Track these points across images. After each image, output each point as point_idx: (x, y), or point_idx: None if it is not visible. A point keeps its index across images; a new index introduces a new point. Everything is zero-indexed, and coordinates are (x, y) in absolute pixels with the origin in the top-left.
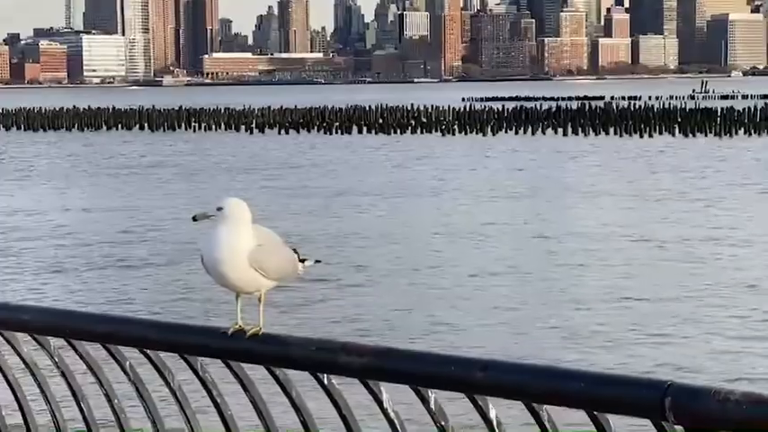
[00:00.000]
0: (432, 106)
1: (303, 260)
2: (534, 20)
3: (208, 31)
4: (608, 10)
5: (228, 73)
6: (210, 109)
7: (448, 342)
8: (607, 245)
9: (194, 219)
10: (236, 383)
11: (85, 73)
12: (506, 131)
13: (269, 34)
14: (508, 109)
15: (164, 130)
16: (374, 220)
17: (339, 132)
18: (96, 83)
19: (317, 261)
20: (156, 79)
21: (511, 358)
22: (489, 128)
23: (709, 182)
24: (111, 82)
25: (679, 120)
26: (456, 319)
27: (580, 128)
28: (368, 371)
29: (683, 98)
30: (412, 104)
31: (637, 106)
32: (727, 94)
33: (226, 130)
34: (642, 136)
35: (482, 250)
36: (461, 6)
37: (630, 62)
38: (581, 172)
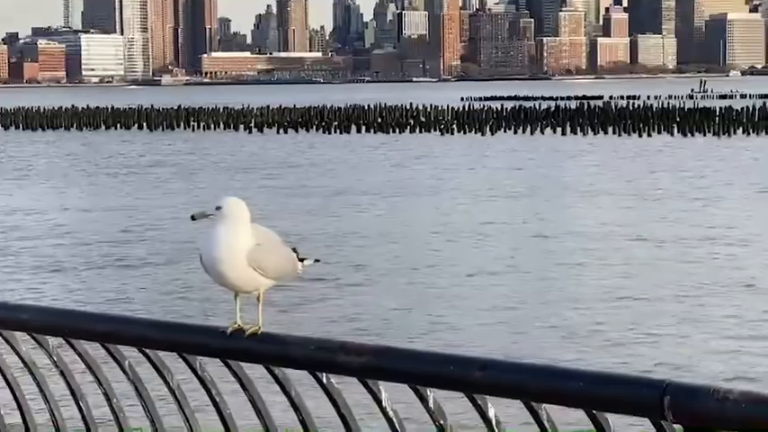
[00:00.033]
0: (430, 105)
1: (302, 259)
2: (533, 19)
3: (206, 31)
4: (607, 10)
5: (227, 72)
6: (209, 108)
7: (447, 341)
8: (606, 244)
9: (193, 218)
10: (235, 383)
11: (84, 72)
12: (505, 131)
13: (268, 33)
14: (507, 108)
15: (162, 130)
16: (373, 220)
17: (338, 132)
18: (95, 82)
19: (317, 260)
20: (155, 78)
21: (510, 357)
22: (488, 127)
23: (707, 181)
24: (109, 81)
25: (678, 119)
26: (455, 319)
27: (579, 127)
28: (367, 370)
29: (682, 98)
30: (411, 104)
31: (635, 106)
32: (725, 94)
33: (224, 130)
34: (641, 135)
35: (481, 249)
36: (460, 6)
37: (629, 62)
38: (580, 171)
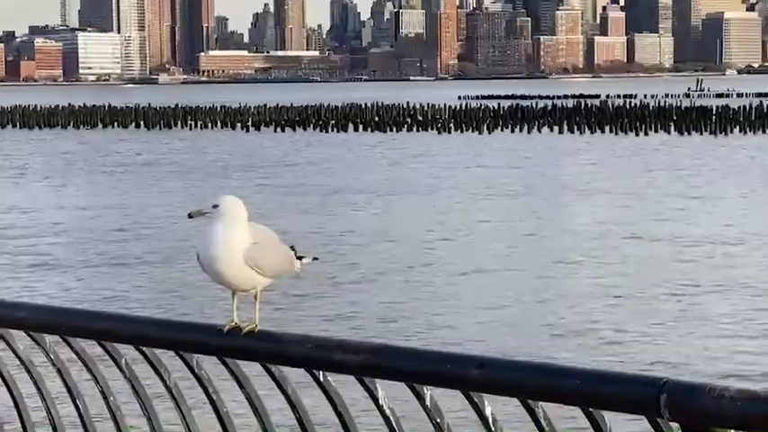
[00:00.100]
0: (427, 104)
1: (301, 257)
2: (530, 18)
3: (204, 29)
4: (603, 8)
5: (224, 71)
6: (206, 107)
7: (444, 339)
8: (602, 242)
9: (190, 216)
10: (231, 380)
11: (81, 71)
12: (502, 129)
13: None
14: (504, 107)
15: (159, 128)
16: (370, 218)
17: (335, 130)
18: (92, 81)
19: (315, 258)
20: (152, 77)
21: (507, 356)
22: (485, 126)
23: (703, 180)
24: (106, 80)
25: (674, 118)
26: (452, 317)
27: (576, 126)
28: (364, 368)
29: (679, 96)
30: (408, 102)
31: (632, 104)
32: (722, 93)
33: (222, 128)
34: (638, 134)
35: (478, 248)
36: (457, 4)
37: (626, 60)
38: (577, 170)
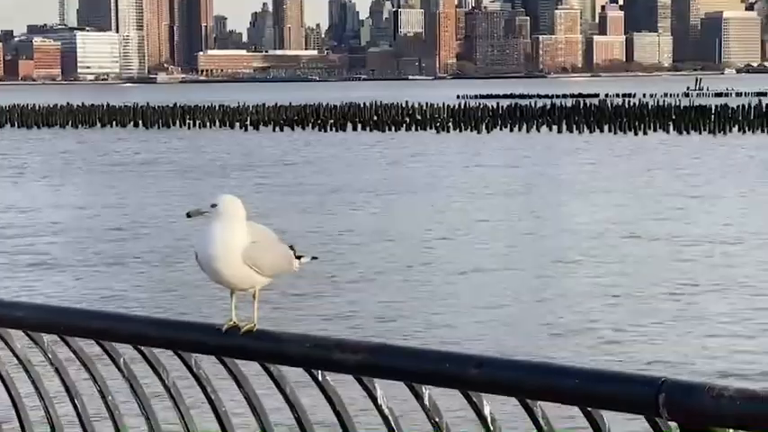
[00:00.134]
0: (426, 103)
1: (300, 257)
2: (529, 17)
3: (202, 28)
4: (602, 7)
5: (223, 70)
6: (205, 106)
7: (442, 339)
8: (601, 242)
9: (188, 215)
10: (230, 380)
11: (79, 70)
12: (501, 129)
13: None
14: (503, 106)
15: (158, 128)
16: (368, 218)
17: (334, 130)
18: (90, 80)
19: (314, 258)
20: (151, 76)
21: (505, 355)
22: (484, 125)
23: (702, 179)
24: (105, 79)
25: (673, 117)
26: (450, 316)
27: (574, 125)
28: (362, 367)
29: (678, 95)
30: (406, 102)
31: (631, 104)
32: (721, 92)
33: (220, 128)
34: (636, 133)
35: (476, 247)
36: (456, 4)
37: (625, 60)
38: (575, 169)
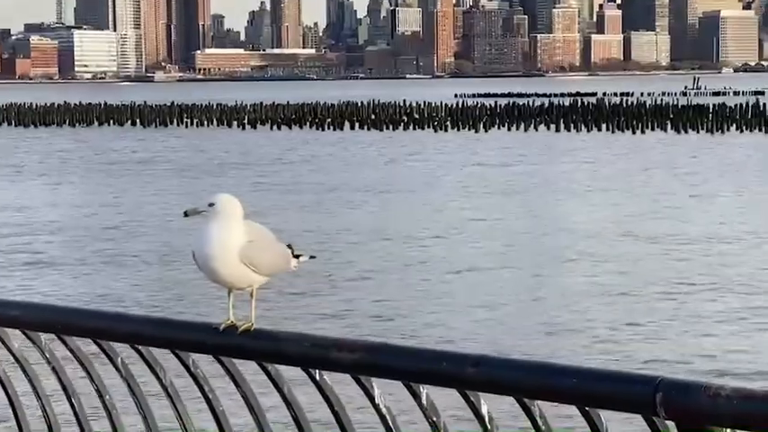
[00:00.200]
0: (424, 102)
1: (297, 256)
2: (527, 16)
3: (200, 27)
4: (600, 6)
5: (220, 69)
6: (202, 105)
7: (439, 338)
8: (598, 241)
9: (185, 214)
10: (227, 379)
11: (77, 68)
12: (499, 128)
13: (261, 30)
14: (500, 105)
15: (155, 126)
16: (366, 216)
17: (331, 128)
18: (88, 78)
19: (312, 257)
20: (148, 75)
21: (502, 354)
22: (481, 124)
23: (700, 178)
24: (102, 77)
25: (671, 116)
26: (447, 315)
27: (572, 124)
28: (360, 367)
29: (675, 94)
30: (404, 100)
31: (629, 102)
32: (718, 91)
33: (218, 126)
34: (634, 132)
35: (473, 246)
36: (454, 3)
37: (623, 58)
38: (573, 168)
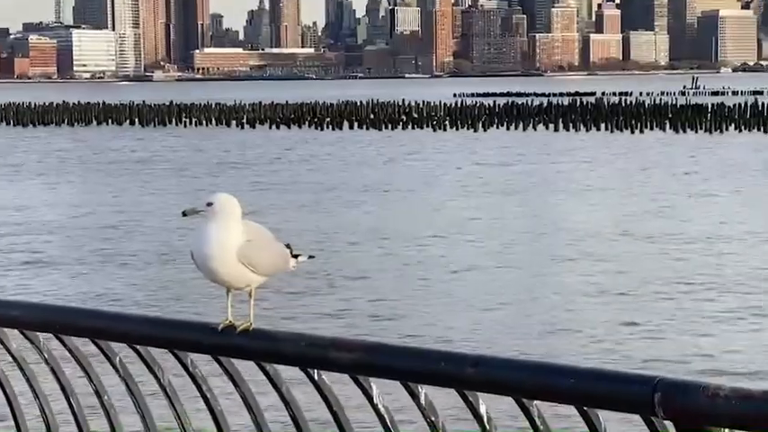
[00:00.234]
0: (423, 102)
1: (296, 255)
2: (525, 15)
3: (198, 27)
4: (599, 6)
5: (219, 68)
6: (201, 104)
7: (438, 337)
8: (596, 240)
9: (184, 214)
10: (226, 379)
11: (75, 68)
12: (497, 127)
13: (260, 29)
14: (499, 104)
15: (154, 126)
16: (365, 216)
17: (330, 128)
18: (86, 78)
19: (311, 256)
20: (147, 74)
21: (501, 354)
22: (480, 123)
23: (699, 178)
24: (101, 77)
25: (670, 116)
26: (446, 315)
27: (571, 123)
28: (358, 366)
29: (674, 94)
30: (403, 100)
31: (628, 102)
32: (717, 91)
33: (217, 126)
34: (633, 132)
35: (472, 245)
36: (452, 2)
37: (621, 58)
38: (571, 167)
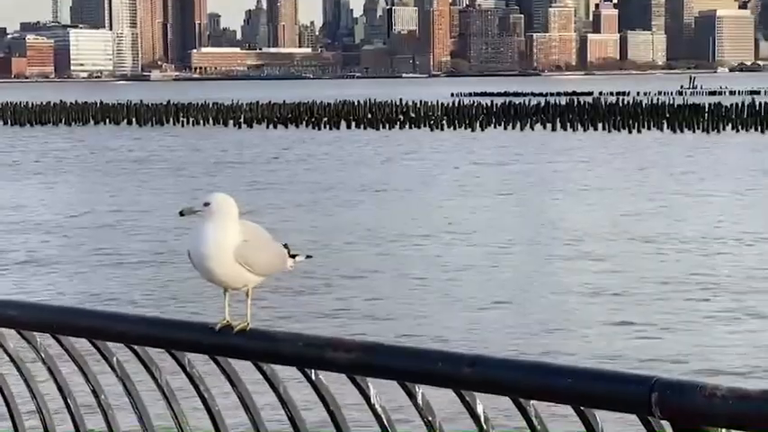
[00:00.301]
0: (420, 101)
1: (294, 255)
2: (523, 15)
3: (196, 26)
4: (596, 6)
5: (217, 68)
6: (199, 104)
7: (435, 337)
8: (593, 240)
9: (181, 214)
10: (223, 379)
11: (73, 67)
12: (495, 127)
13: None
14: (497, 104)
15: (152, 125)
16: (362, 215)
17: (327, 127)
18: (84, 77)
19: (309, 256)
20: (144, 74)
21: (498, 354)
22: (478, 123)
23: (696, 177)
24: (98, 76)
25: (667, 115)
26: (443, 315)
27: (568, 123)
28: (355, 366)
29: (671, 94)
30: (400, 99)
31: (625, 102)
32: (714, 90)
33: (214, 125)
34: (630, 131)
35: (468, 245)
36: (450, 1)
37: (619, 58)
38: (569, 167)
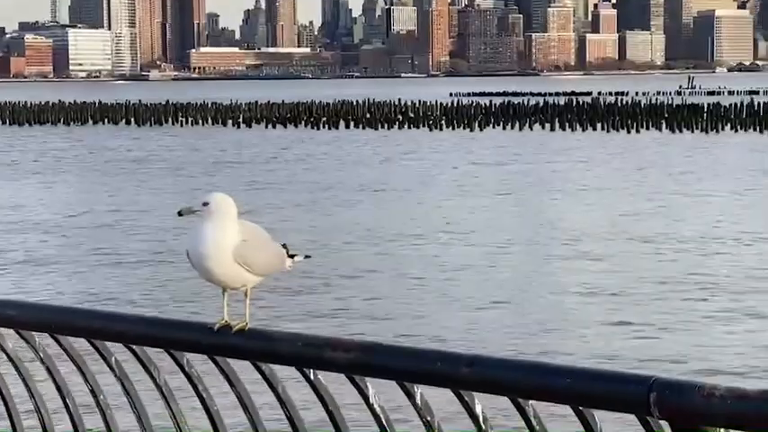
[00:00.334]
0: (419, 101)
1: (292, 255)
2: (522, 15)
3: (195, 26)
4: (595, 6)
5: (215, 67)
6: (197, 104)
7: (434, 337)
8: (592, 240)
9: (180, 213)
10: (221, 378)
11: (71, 67)
12: (494, 127)
13: (256, 29)
14: (495, 104)
15: (150, 125)
16: (361, 215)
17: (326, 127)
18: (82, 77)
19: (307, 256)
20: (143, 74)
21: (497, 354)
22: (476, 123)
23: (695, 177)
24: (97, 76)
25: (666, 115)
26: (441, 314)
27: (567, 123)
28: (354, 366)
29: (670, 94)
30: (399, 99)
31: (624, 102)
32: (713, 90)
33: (213, 125)
34: (629, 131)
35: (467, 245)
36: (449, 1)
37: (617, 58)
38: (568, 167)
